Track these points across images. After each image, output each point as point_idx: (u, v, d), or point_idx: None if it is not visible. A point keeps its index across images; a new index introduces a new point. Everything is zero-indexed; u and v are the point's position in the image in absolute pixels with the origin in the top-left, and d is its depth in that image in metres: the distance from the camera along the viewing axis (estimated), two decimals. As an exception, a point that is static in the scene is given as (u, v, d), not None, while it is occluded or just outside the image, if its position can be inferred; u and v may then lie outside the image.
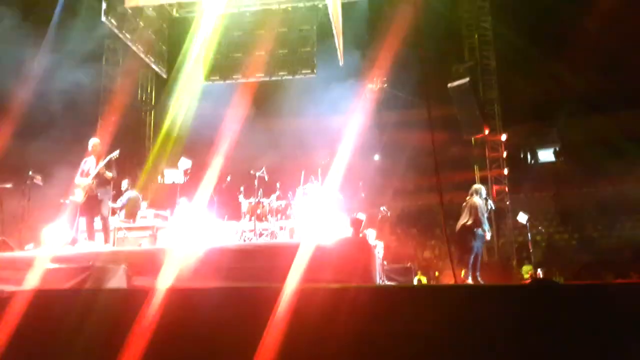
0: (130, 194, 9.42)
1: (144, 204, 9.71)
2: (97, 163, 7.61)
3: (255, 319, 3.18)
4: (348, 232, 8.17)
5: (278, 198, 8.76)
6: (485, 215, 7.64)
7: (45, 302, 3.70)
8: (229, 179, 9.49)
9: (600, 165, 10.82)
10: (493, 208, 8.34)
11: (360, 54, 12.25)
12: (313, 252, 5.59)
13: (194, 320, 3.36)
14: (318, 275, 5.28)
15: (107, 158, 7.62)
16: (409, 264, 8.94)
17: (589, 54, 10.22)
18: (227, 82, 12.76)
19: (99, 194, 7.55)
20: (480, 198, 7.73)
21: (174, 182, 9.78)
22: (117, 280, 5.77)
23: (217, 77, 12.81)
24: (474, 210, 7.55)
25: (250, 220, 8.45)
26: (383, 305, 3.26)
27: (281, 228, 8.46)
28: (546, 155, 12.28)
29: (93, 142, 7.85)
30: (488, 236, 7.84)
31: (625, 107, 12.41)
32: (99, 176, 7.53)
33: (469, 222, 7.46)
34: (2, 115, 8.97)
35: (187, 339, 3.30)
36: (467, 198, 7.80)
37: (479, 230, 7.49)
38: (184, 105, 13.19)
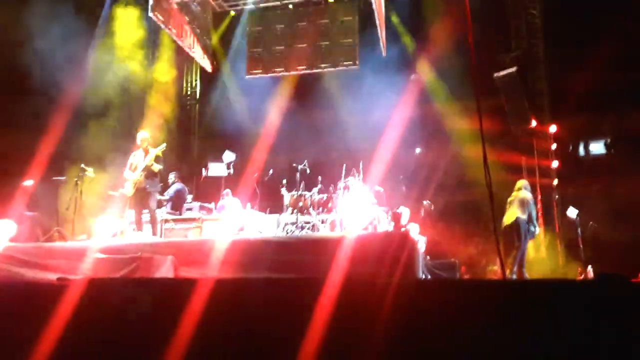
0: (176, 186, 9.65)
1: (189, 197, 9.96)
2: (145, 156, 7.83)
3: (299, 310, 3.20)
4: (390, 226, 8.11)
5: (320, 191, 8.78)
6: (534, 210, 7.43)
7: (97, 290, 3.85)
8: (271, 172, 9.60)
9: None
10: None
11: (403, 44, 12.07)
12: (355, 246, 5.58)
13: (238, 310, 3.41)
14: (360, 269, 5.27)
15: (155, 151, 7.82)
16: (452, 259, 8.78)
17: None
18: (270, 75, 12.85)
19: (147, 187, 7.77)
20: (529, 193, 7.51)
21: (218, 175, 9.98)
22: (165, 271, 5.96)
23: (260, 70, 12.91)
24: (526, 204, 7.33)
25: (292, 213, 8.51)
26: (426, 299, 3.21)
27: (323, 221, 8.48)
28: (597, 147, 11.74)
29: (141, 135, 8.06)
30: (537, 231, 7.62)
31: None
32: (146, 169, 7.74)
33: (522, 217, 7.25)
34: (56, 110, 9.33)
35: (232, 328, 3.36)
36: (514, 193, 7.58)
37: (530, 226, 7.28)
38: (228, 98, 13.42)
